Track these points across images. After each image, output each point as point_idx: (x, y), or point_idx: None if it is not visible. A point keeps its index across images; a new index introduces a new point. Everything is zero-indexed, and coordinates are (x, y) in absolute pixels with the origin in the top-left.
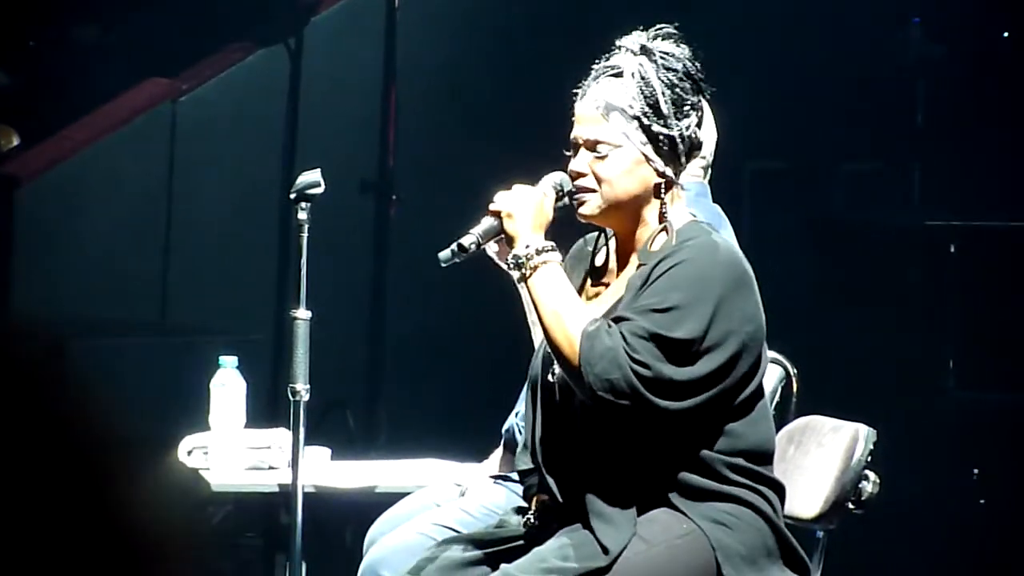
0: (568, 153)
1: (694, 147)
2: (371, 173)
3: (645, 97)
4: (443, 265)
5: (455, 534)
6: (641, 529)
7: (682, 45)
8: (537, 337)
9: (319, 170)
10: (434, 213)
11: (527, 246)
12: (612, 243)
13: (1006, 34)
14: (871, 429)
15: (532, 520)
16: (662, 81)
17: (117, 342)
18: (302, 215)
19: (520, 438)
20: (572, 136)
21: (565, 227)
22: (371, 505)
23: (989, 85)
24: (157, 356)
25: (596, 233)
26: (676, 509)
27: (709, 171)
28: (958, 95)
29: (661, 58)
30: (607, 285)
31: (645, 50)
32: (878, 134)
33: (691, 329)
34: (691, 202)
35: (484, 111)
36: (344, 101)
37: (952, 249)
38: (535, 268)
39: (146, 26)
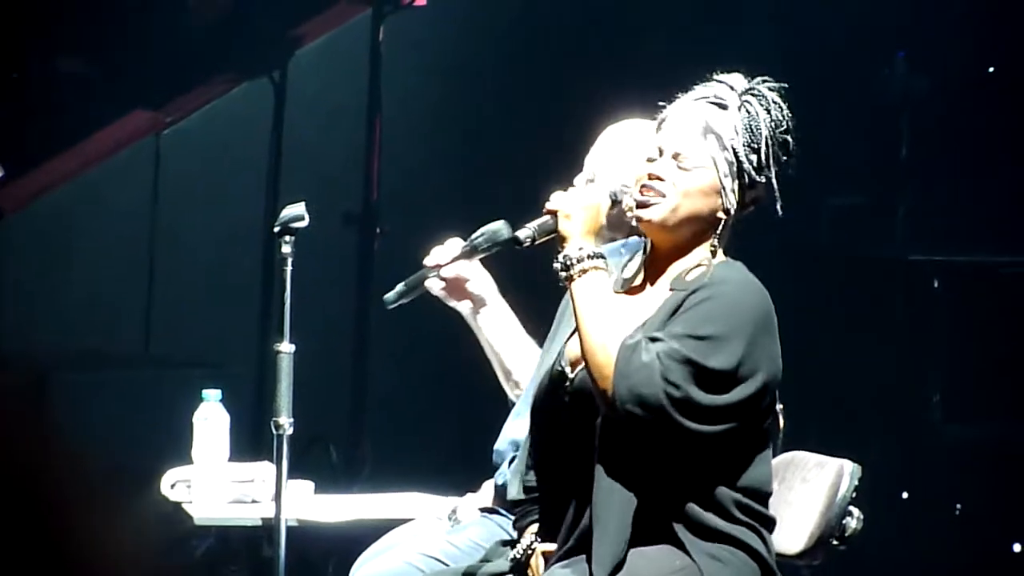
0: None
1: (755, 202)
2: (355, 206)
3: (748, 135)
4: (389, 307)
5: (442, 566)
6: (634, 561)
7: (786, 103)
8: (499, 369)
9: (303, 203)
10: (419, 246)
11: (580, 248)
12: (637, 260)
13: (991, 68)
14: (856, 465)
15: (522, 554)
16: (769, 128)
17: (100, 375)
18: (286, 248)
19: (507, 468)
20: (657, 142)
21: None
22: (354, 539)
23: (974, 119)
24: (140, 389)
25: (625, 253)
26: (678, 543)
27: None
28: (943, 129)
29: (773, 107)
30: (630, 296)
31: (753, 92)
32: (862, 168)
33: (725, 361)
34: None
35: (469, 144)
36: (328, 134)
37: (936, 284)
38: (583, 272)
39: (130, 58)
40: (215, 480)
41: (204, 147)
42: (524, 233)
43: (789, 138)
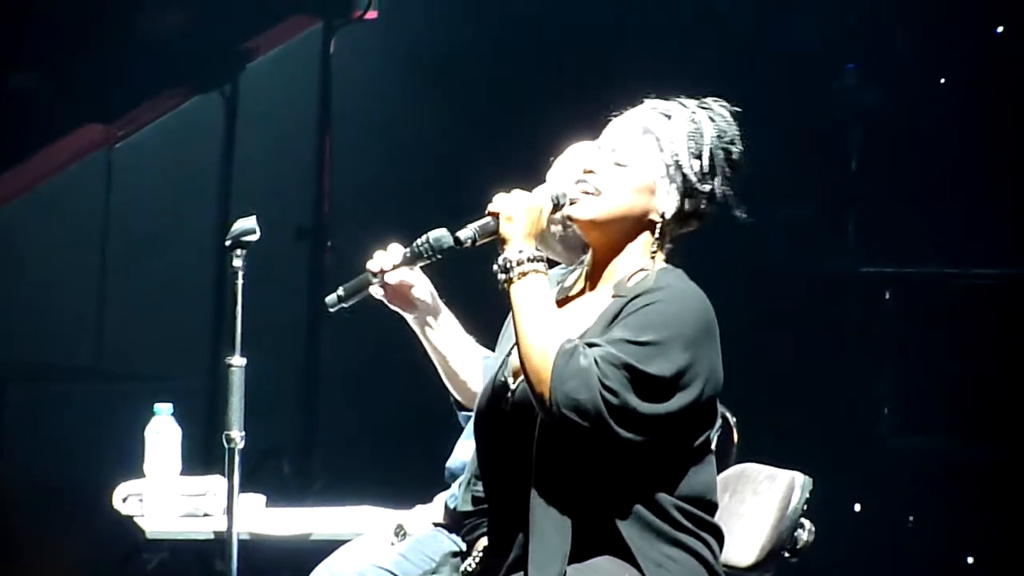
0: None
1: (698, 216)
2: (306, 219)
3: (691, 143)
4: (330, 310)
5: None
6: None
7: (736, 122)
8: (444, 374)
9: (254, 217)
10: (368, 258)
11: (519, 251)
12: (578, 272)
13: (943, 80)
14: (807, 477)
15: (473, 566)
16: (715, 138)
17: (51, 388)
18: (237, 262)
19: (457, 489)
20: (598, 142)
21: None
22: (306, 552)
23: (925, 131)
24: (92, 403)
25: (571, 270)
26: (623, 547)
27: None
28: (893, 141)
29: (720, 118)
30: (571, 303)
31: (704, 107)
32: (813, 180)
33: (664, 367)
34: None
35: (420, 157)
36: (279, 147)
37: (887, 296)
38: (523, 274)
39: (81, 72)
40: (167, 494)
41: (156, 161)
42: (465, 234)
43: (734, 149)
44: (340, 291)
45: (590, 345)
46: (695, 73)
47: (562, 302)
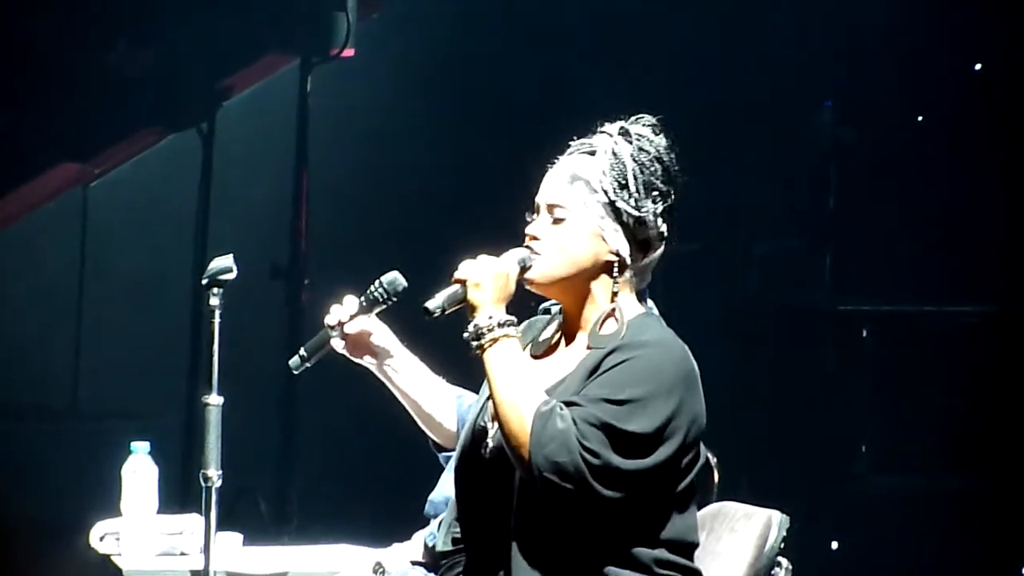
0: (531, 217)
1: (658, 236)
2: (283, 258)
3: (615, 174)
4: (295, 372)
5: None
6: None
7: (660, 134)
8: (417, 416)
9: (231, 255)
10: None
11: (489, 317)
12: (555, 323)
13: (920, 117)
14: (784, 516)
15: None
16: (635, 161)
17: (28, 427)
18: (214, 300)
19: (435, 528)
20: (536, 201)
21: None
22: None
23: (901, 169)
24: (69, 441)
25: (548, 319)
26: None
27: None
28: (871, 178)
29: (637, 140)
30: (548, 357)
31: (623, 131)
32: (790, 216)
33: (644, 424)
34: None
35: (397, 195)
36: (256, 186)
37: (864, 333)
38: (494, 340)
39: (57, 110)
40: (144, 532)
41: (132, 199)
42: (433, 304)
43: (659, 165)
44: (302, 351)
45: (568, 404)
46: (671, 107)
47: (540, 356)
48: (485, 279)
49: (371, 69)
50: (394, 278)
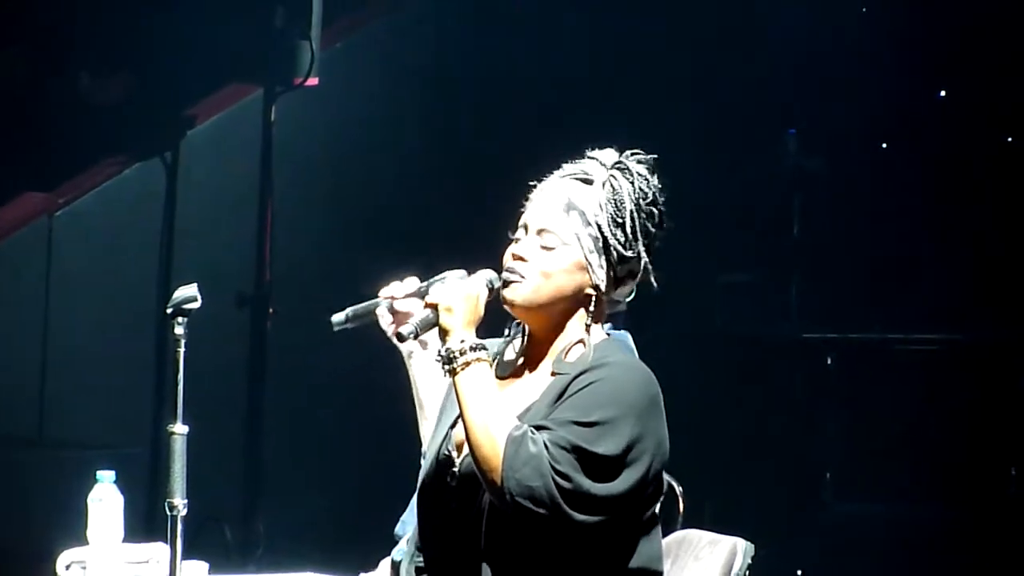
0: (515, 236)
1: (633, 275)
2: (248, 286)
3: (612, 210)
4: (335, 329)
5: None
6: None
7: (655, 175)
8: (422, 416)
9: (196, 284)
10: (311, 326)
11: (461, 341)
12: (517, 343)
13: (884, 145)
14: (749, 543)
15: None
16: (633, 202)
17: None
18: (179, 330)
19: (404, 545)
20: (522, 221)
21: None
22: None
23: (867, 197)
24: (34, 470)
25: (509, 339)
26: None
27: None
28: (835, 207)
29: (638, 179)
30: (512, 381)
31: (621, 166)
32: (755, 246)
33: (612, 446)
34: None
35: (362, 224)
36: (221, 214)
37: (829, 361)
38: (466, 364)
39: (22, 140)
40: (110, 561)
41: (97, 228)
42: (406, 329)
43: (655, 209)
44: (348, 311)
45: (539, 428)
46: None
47: (502, 379)
48: (456, 303)
49: (335, 98)
50: (459, 276)
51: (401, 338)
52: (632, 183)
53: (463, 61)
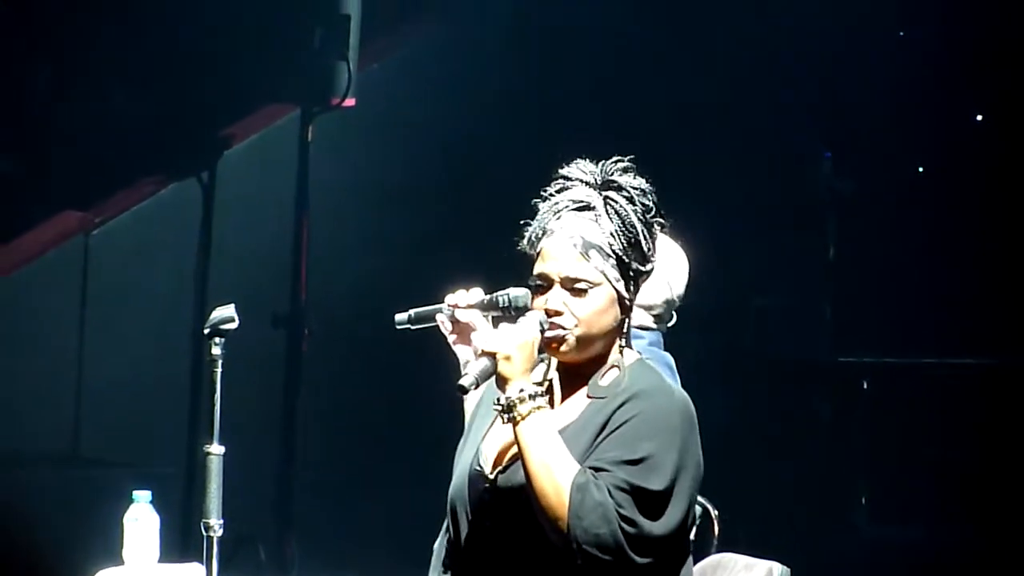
0: (537, 283)
1: (648, 276)
2: (283, 306)
3: (625, 236)
4: (397, 328)
5: None
6: None
7: (639, 177)
8: (471, 380)
9: (233, 305)
10: (346, 346)
11: (520, 390)
12: (544, 364)
13: (920, 168)
14: (785, 568)
15: None
16: (640, 220)
17: (29, 475)
18: (216, 350)
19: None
20: (543, 272)
21: None
22: None
23: (901, 220)
24: (70, 489)
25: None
26: None
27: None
28: (871, 230)
29: (637, 195)
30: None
31: (613, 184)
32: (789, 269)
33: (663, 480)
34: (643, 350)
35: (397, 245)
36: (256, 234)
37: (864, 385)
38: (527, 414)
39: (59, 159)
40: None
41: (133, 247)
42: (467, 381)
43: (656, 213)
44: (411, 312)
45: (595, 470)
46: (669, 160)
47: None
48: (513, 351)
49: (372, 119)
50: (524, 295)
51: (463, 390)
52: (631, 199)
53: (500, 80)
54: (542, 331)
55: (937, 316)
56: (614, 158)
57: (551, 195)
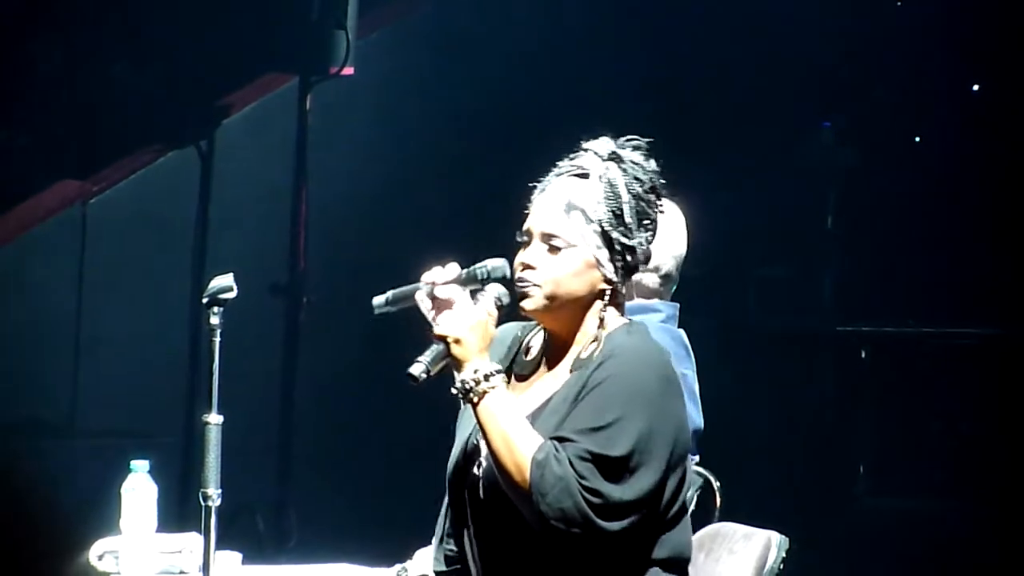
0: (522, 239)
1: (645, 260)
2: (282, 276)
3: (610, 204)
4: (375, 312)
5: None
6: None
7: (650, 159)
8: (421, 368)
9: (232, 274)
10: (344, 315)
11: (475, 371)
12: (540, 337)
13: (918, 138)
14: (783, 537)
15: None
16: (629, 191)
17: (26, 445)
18: (214, 319)
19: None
20: (527, 226)
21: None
22: None
23: (901, 189)
24: (68, 459)
25: (534, 325)
26: None
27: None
28: (870, 200)
29: (632, 168)
30: (535, 379)
31: (615, 157)
32: (789, 239)
33: (625, 444)
34: (656, 328)
35: (395, 213)
36: (255, 203)
37: (864, 355)
38: (483, 393)
39: (56, 128)
40: (143, 551)
41: (131, 216)
42: (418, 369)
43: (653, 196)
44: (389, 295)
45: (559, 440)
46: (670, 131)
47: (525, 378)
48: (463, 333)
49: (370, 88)
50: (501, 265)
51: (414, 379)
52: (626, 171)
53: (499, 51)
54: (500, 305)
55: (938, 286)
56: (630, 136)
57: (565, 159)
